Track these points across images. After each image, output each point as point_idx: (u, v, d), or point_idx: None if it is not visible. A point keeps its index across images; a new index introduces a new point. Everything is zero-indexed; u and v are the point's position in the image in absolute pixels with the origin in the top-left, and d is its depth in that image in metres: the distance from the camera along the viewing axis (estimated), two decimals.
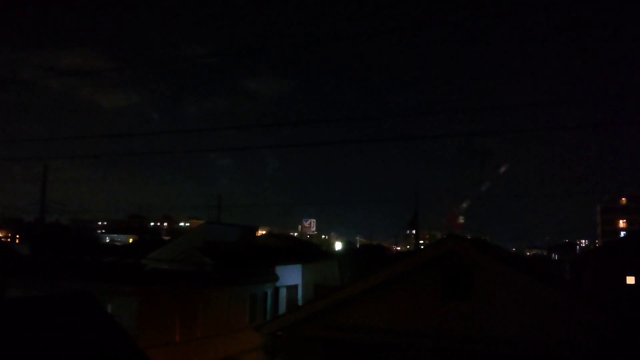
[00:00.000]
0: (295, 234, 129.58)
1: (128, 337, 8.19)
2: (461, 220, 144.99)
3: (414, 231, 42.93)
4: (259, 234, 42.56)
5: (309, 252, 33.25)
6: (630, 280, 24.43)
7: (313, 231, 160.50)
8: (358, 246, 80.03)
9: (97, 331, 7.81)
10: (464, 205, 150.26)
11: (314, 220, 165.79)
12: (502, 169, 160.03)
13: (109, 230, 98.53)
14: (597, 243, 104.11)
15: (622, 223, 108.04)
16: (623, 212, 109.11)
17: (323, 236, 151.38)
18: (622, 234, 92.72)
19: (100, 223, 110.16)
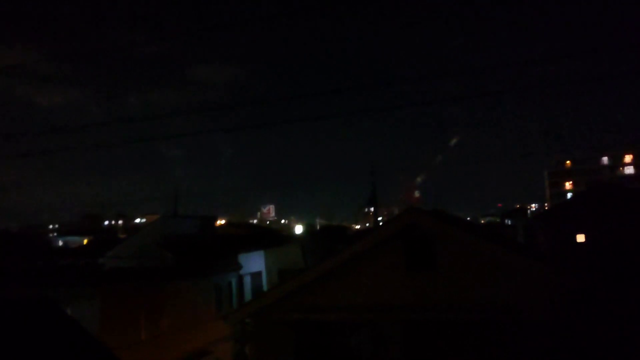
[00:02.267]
0: (255, 221, 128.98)
1: (94, 339, 7.96)
2: (417, 194, 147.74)
3: (372, 209, 43.43)
4: (218, 224, 42.05)
5: (270, 238, 33.15)
6: (580, 238, 25.54)
7: (272, 217, 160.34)
8: (318, 228, 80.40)
9: (60, 336, 7.53)
10: (419, 179, 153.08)
11: (273, 205, 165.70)
12: (453, 141, 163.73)
13: (62, 232, 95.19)
14: (546, 206, 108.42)
15: (568, 185, 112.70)
16: (569, 175, 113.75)
17: (283, 221, 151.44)
18: (569, 195, 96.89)
19: (51, 226, 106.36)
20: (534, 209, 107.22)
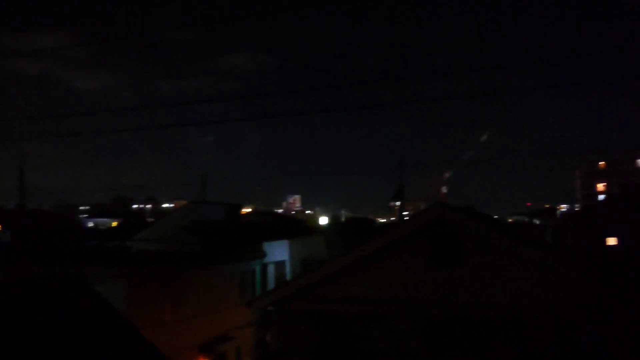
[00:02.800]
0: (280, 210, 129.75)
1: (121, 315, 8.16)
2: (444, 190, 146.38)
3: (398, 203, 43.19)
4: (243, 212, 42.39)
5: (295, 228, 33.29)
6: (611, 241, 24.98)
7: (298, 207, 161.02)
8: (343, 220, 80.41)
9: (90, 311, 7.74)
10: (447, 175, 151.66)
11: (299, 196, 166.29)
12: (484, 137, 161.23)
13: (92, 214, 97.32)
14: (576, 207, 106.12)
15: (600, 186, 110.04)
16: (602, 176, 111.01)
17: (308, 211, 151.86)
18: (601, 197, 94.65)
19: (82, 207, 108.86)
20: (563, 209, 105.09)
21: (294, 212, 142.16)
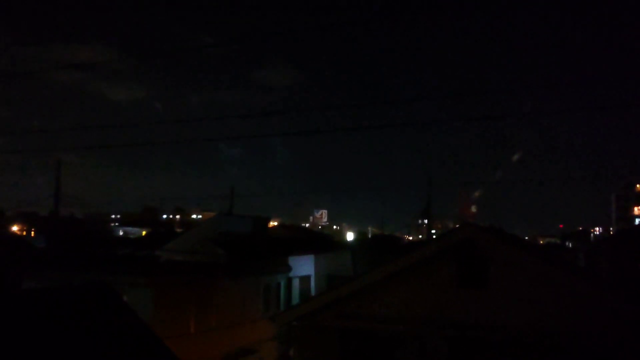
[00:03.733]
0: (307, 225, 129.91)
1: (146, 326, 8.25)
2: (474, 209, 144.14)
3: (426, 221, 42.68)
4: (271, 225, 42.62)
5: (321, 243, 33.26)
6: None
7: (325, 222, 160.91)
8: (370, 236, 80.00)
9: (116, 320, 7.85)
10: (477, 194, 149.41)
11: (326, 211, 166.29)
12: (515, 157, 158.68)
13: (122, 223, 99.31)
14: (611, 230, 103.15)
15: (637, 210, 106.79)
16: (638, 200, 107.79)
17: (335, 227, 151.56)
18: (638, 221, 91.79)
19: (113, 216, 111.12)
20: (597, 232, 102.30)
21: (320, 227, 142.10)
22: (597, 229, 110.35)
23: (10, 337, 6.26)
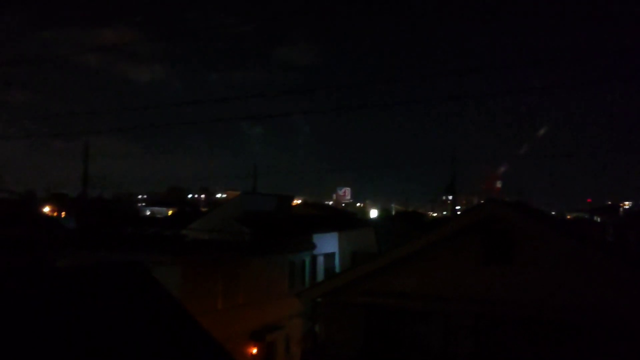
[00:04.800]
0: (331, 202, 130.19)
1: (180, 303, 8.48)
2: (499, 184, 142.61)
3: (450, 197, 42.37)
4: (294, 204, 42.85)
5: (345, 220, 33.34)
6: None
7: (348, 199, 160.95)
8: (394, 213, 79.86)
9: (150, 297, 8.08)
10: (502, 169, 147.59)
11: (349, 188, 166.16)
12: (541, 131, 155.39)
13: (149, 203, 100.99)
14: None
15: None
16: None
17: (358, 204, 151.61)
18: None
19: (140, 196, 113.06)
20: (627, 206, 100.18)
21: (344, 205, 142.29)
22: (626, 203, 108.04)
23: (49, 313, 6.50)
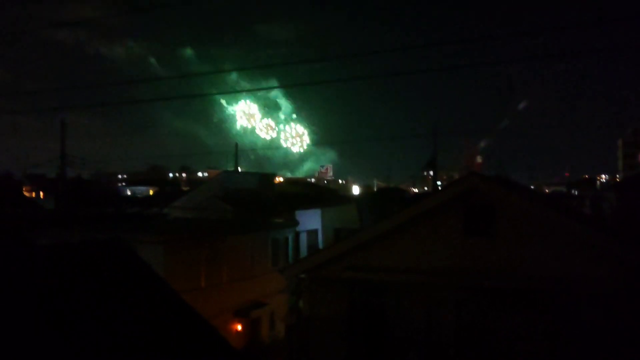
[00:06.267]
0: (313, 179, 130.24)
1: (163, 280, 8.47)
2: (479, 159, 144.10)
3: (431, 172, 42.75)
4: (277, 181, 42.79)
5: (328, 197, 33.45)
6: None
7: (330, 176, 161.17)
8: (375, 189, 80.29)
9: (133, 274, 8.03)
10: (482, 144, 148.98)
11: (331, 165, 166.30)
12: (521, 106, 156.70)
13: (129, 182, 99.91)
14: (617, 178, 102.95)
15: None
16: None
17: (340, 181, 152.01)
18: None
19: (120, 176, 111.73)
20: (603, 180, 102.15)
21: (326, 181, 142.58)
22: (603, 176, 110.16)
23: (32, 290, 6.43)
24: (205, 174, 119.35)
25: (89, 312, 6.70)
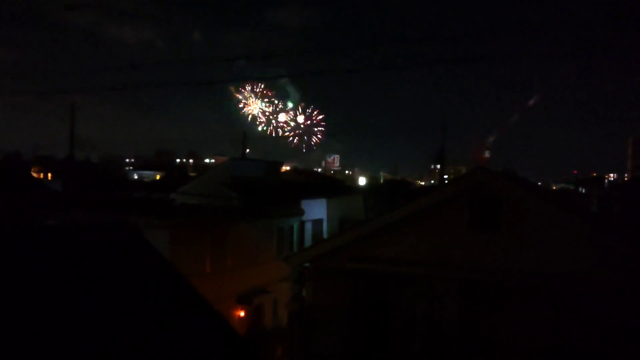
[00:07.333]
0: (320, 169, 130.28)
1: (170, 264, 8.52)
2: (487, 154, 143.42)
3: (438, 166, 42.59)
4: (283, 170, 42.85)
5: (334, 187, 33.50)
6: None
7: (337, 166, 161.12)
8: (382, 181, 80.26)
9: (142, 258, 8.09)
10: (491, 139, 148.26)
11: (338, 155, 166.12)
12: (531, 101, 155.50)
13: (137, 166, 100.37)
14: (626, 177, 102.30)
15: None
16: None
17: (347, 171, 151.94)
18: None
19: (128, 160, 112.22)
20: (612, 178, 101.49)
21: (332, 172, 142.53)
22: (611, 175, 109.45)
23: (41, 271, 6.50)
24: (213, 161, 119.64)
25: (97, 294, 6.77)
